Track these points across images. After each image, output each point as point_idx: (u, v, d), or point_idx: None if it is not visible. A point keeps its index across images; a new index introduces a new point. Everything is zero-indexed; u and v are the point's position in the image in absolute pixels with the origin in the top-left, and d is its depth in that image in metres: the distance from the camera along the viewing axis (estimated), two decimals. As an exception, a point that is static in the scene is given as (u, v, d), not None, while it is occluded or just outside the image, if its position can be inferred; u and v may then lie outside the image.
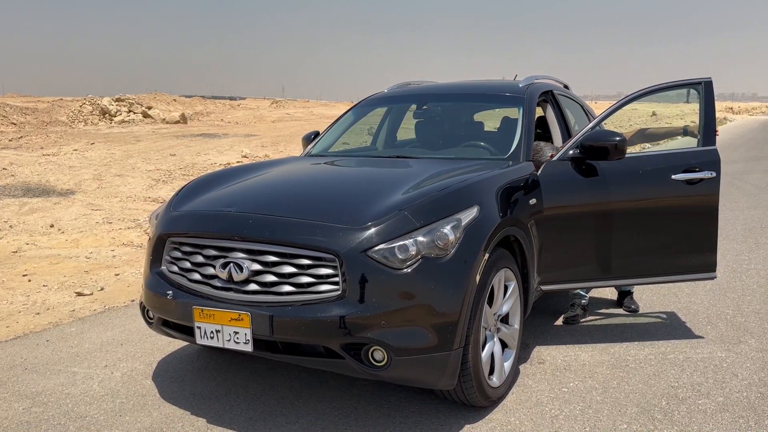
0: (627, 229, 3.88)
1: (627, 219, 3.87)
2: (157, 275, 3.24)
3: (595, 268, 3.91)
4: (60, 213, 9.23)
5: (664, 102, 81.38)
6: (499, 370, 3.27)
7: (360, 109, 5.05)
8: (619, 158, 3.73)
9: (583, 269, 3.89)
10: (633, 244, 3.90)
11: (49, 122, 26.92)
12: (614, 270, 3.91)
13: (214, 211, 3.20)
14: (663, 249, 3.94)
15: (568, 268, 3.85)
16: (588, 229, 3.85)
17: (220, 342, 2.92)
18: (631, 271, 3.95)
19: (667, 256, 3.95)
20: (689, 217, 3.93)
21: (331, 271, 2.82)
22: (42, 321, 4.79)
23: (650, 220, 3.92)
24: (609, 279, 3.98)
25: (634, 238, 3.90)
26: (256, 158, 15.35)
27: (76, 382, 3.61)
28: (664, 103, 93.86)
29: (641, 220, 3.91)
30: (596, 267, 3.91)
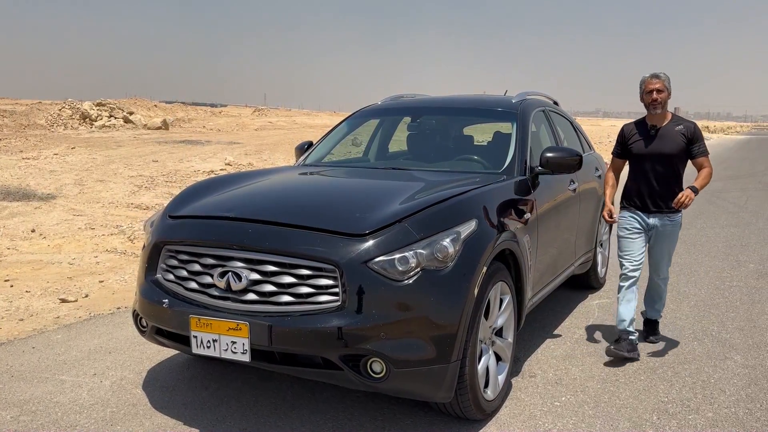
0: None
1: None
2: (152, 283, 3.21)
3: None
4: (41, 218, 9.10)
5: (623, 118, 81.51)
6: (494, 383, 3.28)
7: (354, 120, 5.07)
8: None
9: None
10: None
11: (27, 125, 26.53)
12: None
13: (212, 219, 3.19)
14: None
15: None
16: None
17: (216, 352, 2.90)
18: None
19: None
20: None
21: (330, 281, 2.82)
22: (26, 327, 4.71)
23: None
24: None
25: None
26: (240, 166, 15.29)
27: (65, 391, 3.56)
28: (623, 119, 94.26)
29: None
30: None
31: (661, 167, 4.08)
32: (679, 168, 4.14)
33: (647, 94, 4.05)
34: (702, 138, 4.11)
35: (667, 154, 4.06)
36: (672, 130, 4.08)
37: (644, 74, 4.12)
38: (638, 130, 4.19)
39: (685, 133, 4.07)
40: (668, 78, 4.08)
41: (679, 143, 4.05)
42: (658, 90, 4.02)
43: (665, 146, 4.06)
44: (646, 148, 4.11)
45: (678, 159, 4.09)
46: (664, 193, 4.10)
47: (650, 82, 4.04)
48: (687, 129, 4.08)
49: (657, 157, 4.08)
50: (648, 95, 4.06)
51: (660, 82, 4.02)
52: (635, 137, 4.17)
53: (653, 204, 4.13)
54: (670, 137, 4.06)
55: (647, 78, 4.07)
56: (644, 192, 4.15)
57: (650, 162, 4.10)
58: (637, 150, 4.15)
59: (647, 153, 4.10)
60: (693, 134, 4.07)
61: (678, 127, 4.09)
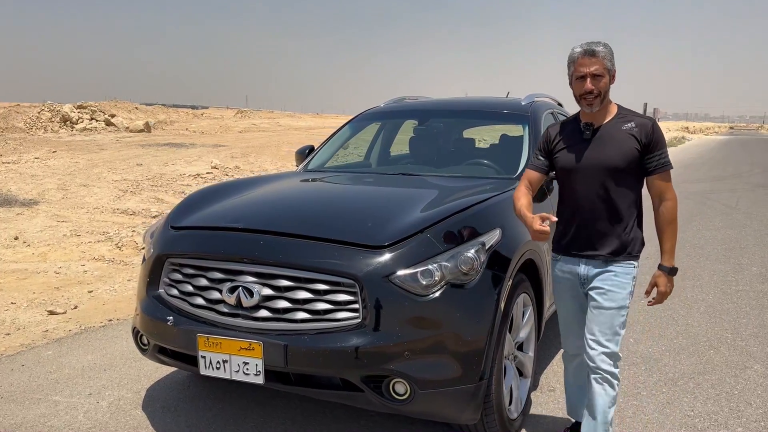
0: None
1: None
2: (155, 299, 3.01)
3: None
4: (24, 224, 8.80)
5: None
6: (516, 400, 3.13)
7: (357, 124, 4.89)
8: None
9: None
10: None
11: (5, 128, 25.97)
12: None
13: (219, 230, 2.99)
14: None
15: None
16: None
17: (227, 373, 2.70)
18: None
19: None
20: None
21: (350, 297, 2.65)
22: (13, 342, 4.47)
23: None
24: None
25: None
26: (227, 169, 15.02)
27: (59, 413, 3.34)
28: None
29: None
30: None
31: (600, 188, 2.64)
32: (630, 188, 2.66)
33: (578, 80, 2.62)
34: (664, 143, 2.65)
35: (608, 166, 2.61)
36: (617, 131, 2.64)
37: (574, 47, 2.66)
38: (567, 131, 2.77)
39: (638, 134, 2.61)
40: (610, 52, 2.63)
41: (627, 150, 2.61)
42: (595, 75, 2.58)
43: (606, 155, 2.62)
44: (577, 158, 2.67)
45: (626, 174, 2.63)
46: (604, 229, 2.66)
47: (582, 62, 2.59)
48: (641, 129, 2.62)
49: (593, 172, 2.64)
50: (579, 83, 2.61)
51: (598, 61, 2.58)
52: (562, 143, 2.75)
53: (587, 244, 2.69)
54: (613, 141, 2.63)
55: (578, 54, 2.61)
56: (574, 225, 2.72)
57: (583, 179, 2.66)
58: (565, 162, 2.71)
59: (578, 166, 2.67)
60: (650, 137, 2.61)
61: (627, 126, 2.64)
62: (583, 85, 2.59)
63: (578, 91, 2.63)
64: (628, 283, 2.69)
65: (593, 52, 2.59)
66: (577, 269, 2.75)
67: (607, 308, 2.65)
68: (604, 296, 2.66)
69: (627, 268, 2.69)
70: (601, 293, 2.67)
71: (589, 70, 2.58)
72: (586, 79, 2.59)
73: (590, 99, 2.60)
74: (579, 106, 2.69)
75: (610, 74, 2.63)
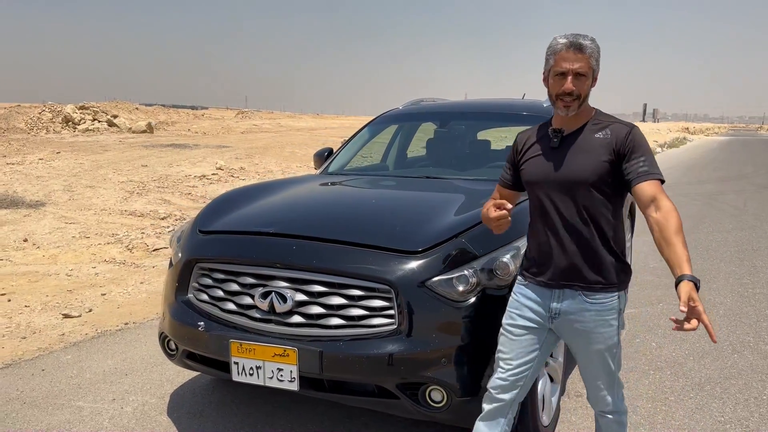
0: None
1: None
2: (184, 304, 2.97)
3: None
4: (32, 226, 8.75)
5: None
6: (548, 407, 3.09)
7: (375, 126, 4.86)
8: None
9: None
10: None
11: (6, 129, 25.92)
12: None
13: (250, 234, 2.96)
14: None
15: None
16: None
17: (260, 379, 2.67)
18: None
19: None
20: None
21: (385, 303, 2.61)
22: (30, 346, 4.43)
23: None
24: None
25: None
26: (232, 170, 14.99)
27: (84, 419, 3.30)
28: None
29: None
30: None
31: (570, 206, 2.25)
32: (606, 206, 2.25)
33: (557, 77, 2.23)
34: (646, 149, 2.21)
35: (577, 181, 2.22)
36: (589, 139, 2.25)
37: (557, 36, 2.25)
38: (536, 139, 2.38)
39: (611, 143, 2.20)
40: (598, 49, 2.25)
41: (597, 162, 2.20)
42: (578, 73, 2.20)
43: (574, 167, 2.23)
44: (542, 170, 2.29)
45: (600, 190, 2.23)
46: (578, 255, 2.25)
47: (565, 56, 2.20)
48: (614, 136, 2.21)
49: (562, 187, 2.25)
50: (558, 80, 2.23)
51: (584, 58, 2.20)
52: (529, 152, 2.37)
53: (559, 273, 2.28)
54: (583, 151, 2.24)
55: (562, 47, 2.21)
56: (544, 249, 2.32)
57: (551, 196, 2.27)
58: (530, 175, 2.34)
59: (544, 180, 2.29)
60: (624, 143, 2.19)
61: (600, 134, 2.24)
62: (563, 83, 2.20)
63: (555, 89, 2.23)
64: (614, 317, 2.28)
65: (580, 46, 2.19)
66: (546, 299, 2.31)
67: (597, 352, 2.29)
68: (589, 339, 2.28)
69: (609, 301, 2.26)
70: (585, 336, 2.28)
71: (573, 67, 2.19)
72: (567, 77, 2.20)
73: (568, 101, 2.21)
74: (553, 107, 2.31)
75: (593, 75, 2.25)
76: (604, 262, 2.25)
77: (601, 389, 2.39)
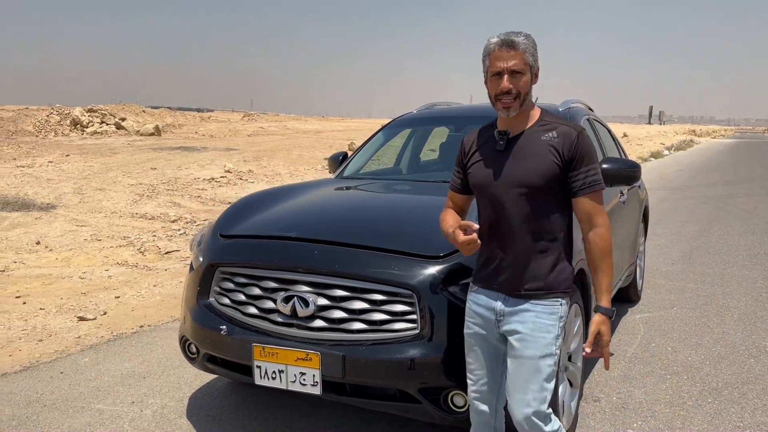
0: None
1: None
2: (206, 308, 2.99)
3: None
4: (44, 229, 8.80)
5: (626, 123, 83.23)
6: (567, 412, 3.09)
7: (390, 130, 4.87)
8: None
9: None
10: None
11: (15, 132, 26.04)
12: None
13: (271, 239, 2.97)
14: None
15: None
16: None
17: (283, 383, 2.69)
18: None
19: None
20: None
21: (407, 307, 2.63)
22: (47, 349, 4.46)
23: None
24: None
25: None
26: (240, 173, 15.03)
27: (104, 422, 3.32)
28: (627, 124, 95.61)
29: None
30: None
31: (516, 210, 2.19)
32: (554, 211, 2.22)
33: (493, 77, 2.19)
34: (594, 157, 2.21)
35: (524, 184, 2.18)
36: (536, 141, 2.21)
37: (490, 37, 2.20)
38: (482, 141, 2.33)
39: (559, 146, 2.17)
40: (533, 44, 2.19)
41: (545, 165, 2.17)
42: (514, 71, 2.15)
43: (521, 170, 2.19)
44: (489, 174, 2.24)
45: (547, 194, 2.20)
46: (523, 259, 2.22)
47: (498, 55, 2.16)
48: (563, 139, 2.18)
49: (508, 191, 2.19)
50: (494, 80, 2.19)
51: (517, 54, 2.15)
52: (476, 155, 2.32)
53: (503, 277, 2.25)
54: (530, 153, 2.20)
55: (494, 46, 2.17)
56: (490, 253, 2.28)
57: (498, 200, 2.22)
58: (477, 178, 2.29)
59: (491, 184, 2.23)
60: (574, 149, 2.17)
61: (547, 136, 2.20)
62: (499, 83, 2.16)
63: (494, 90, 2.19)
64: (554, 325, 2.21)
65: (512, 43, 2.15)
66: (493, 304, 2.26)
67: (529, 357, 2.17)
68: (524, 342, 2.18)
69: (552, 306, 2.21)
70: (520, 339, 2.19)
71: (507, 65, 2.14)
72: (502, 76, 2.16)
73: (507, 101, 2.17)
74: (494, 109, 2.26)
75: (532, 71, 2.19)
76: (550, 268, 2.22)
77: (527, 404, 2.16)
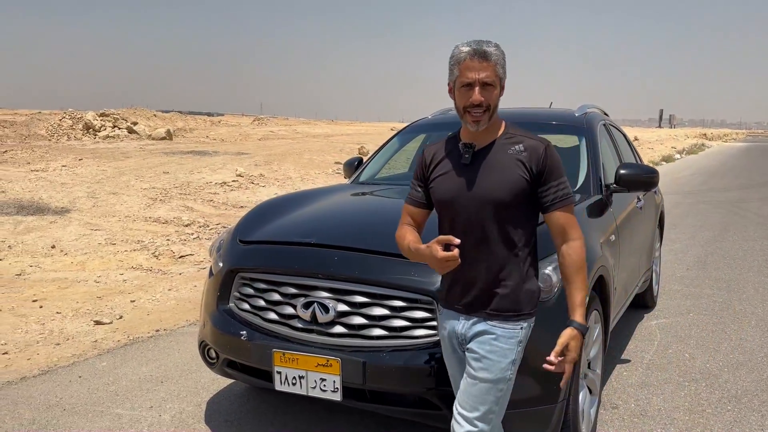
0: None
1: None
2: (225, 313, 3.00)
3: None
4: (58, 233, 8.87)
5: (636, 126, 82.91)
6: (587, 420, 3.08)
7: (405, 135, 4.88)
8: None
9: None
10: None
11: (28, 136, 26.25)
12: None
13: (290, 245, 2.98)
14: None
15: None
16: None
17: (303, 389, 2.69)
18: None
19: None
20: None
21: (427, 314, 2.62)
22: (65, 353, 4.48)
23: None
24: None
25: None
26: (251, 177, 15.08)
27: (123, 426, 3.34)
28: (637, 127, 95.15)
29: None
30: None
31: (481, 226, 2.10)
32: (520, 227, 2.13)
33: (463, 88, 2.08)
34: (562, 171, 2.14)
35: (490, 200, 2.08)
36: (502, 155, 2.12)
37: (460, 44, 2.11)
38: (445, 154, 2.20)
39: (527, 160, 2.09)
40: (503, 56, 2.11)
41: (513, 180, 2.08)
42: (485, 83, 2.06)
43: (487, 185, 2.09)
44: (453, 188, 2.13)
45: (515, 210, 2.11)
46: (485, 279, 2.12)
47: (470, 65, 2.05)
48: (531, 153, 2.10)
49: (473, 207, 2.10)
50: (464, 92, 2.08)
51: (490, 66, 2.06)
52: (439, 168, 2.19)
53: (465, 297, 2.16)
54: (497, 168, 2.10)
55: (465, 55, 2.06)
56: (455, 273, 2.12)
57: (461, 215, 2.12)
58: (440, 192, 2.17)
59: (455, 199, 2.13)
60: (542, 163, 2.09)
61: (514, 149, 2.12)
62: (470, 94, 2.05)
63: (462, 102, 2.08)
64: (512, 349, 2.12)
65: (485, 54, 2.05)
66: (455, 325, 2.18)
67: (482, 380, 2.09)
68: (479, 364, 2.10)
69: (512, 330, 2.13)
70: (476, 360, 2.11)
71: (479, 76, 2.03)
72: (473, 87, 2.05)
73: (477, 114, 2.06)
74: (461, 121, 2.14)
75: (501, 84, 2.11)
76: (514, 289, 2.13)
77: (469, 421, 2.10)
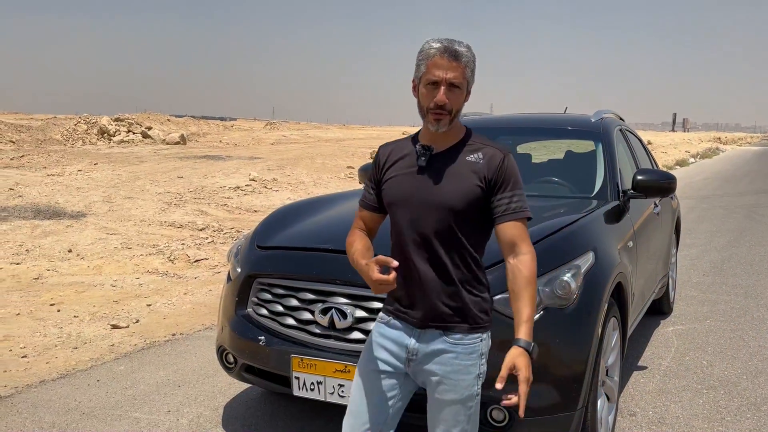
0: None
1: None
2: (244, 318, 3.02)
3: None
4: (75, 237, 8.94)
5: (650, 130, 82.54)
6: (605, 428, 3.07)
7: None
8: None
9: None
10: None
11: (43, 140, 26.53)
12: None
13: (309, 251, 3.00)
14: None
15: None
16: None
17: (321, 395, 2.70)
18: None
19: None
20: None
21: (445, 320, 2.62)
22: (82, 357, 4.52)
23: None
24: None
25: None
26: (265, 181, 15.15)
27: (142, 430, 3.36)
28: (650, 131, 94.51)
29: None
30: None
31: (433, 234, 1.97)
32: (474, 235, 2.01)
33: (429, 86, 1.94)
34: (519, 183, 1.99)
35: (443, 206, 1.96)
36: (460, 161, 1.99)
37: (430, 40, 1.97)
38: (401, 155, 2.08)
39: (483, 169, 1.96)
40: (474, 58, 1.98)
41: (467, 188, 1.96)
42: (453, 84, 1.93)
43: (441, 191, 1.97)
44: (405, 192, 2.01)
45: (469, 219, 1.98)
46: (438, 290, 1.99)
47: (438, 63, 1.92)
48: (488, 162, 1.96)
49: (425, 212, 1.97)
50: (429, 90, 1.94)
51: (459, 67, 1.93)
52: (393, 170, 2.07)
53: (417, 310, 2.02)
54: (453, 174, 1.98)
55: (435, 52, 1.92)
56: (404, 282, 2.01)
57: (413, 221, 1.99)
58: (392, 195, 2.05)
59: (407, 203, 2.00)
60: (496, 173, 1.95)
61: (472, 157, 1.99)
62: (435, 94, 1.92)
63: (426, 101, 1.94)
64: (474, 364, 2.01)
65: (456, 53, 1.91)
66: (405, 340, 2.03)
67: (449, 402, 2.00)
68: (444, 386, 1.99)
69: (472, 344, 2.00)
70: (439, 381, 1.99)
71: (447, 76, 1.90)
72: (439, 86, 1.92)
73: (440, 115, 1.93)
74: (423, 120, 2.01)
75: (467, 88, 1.98)
76: (468, 299, 1.99)
77: None
